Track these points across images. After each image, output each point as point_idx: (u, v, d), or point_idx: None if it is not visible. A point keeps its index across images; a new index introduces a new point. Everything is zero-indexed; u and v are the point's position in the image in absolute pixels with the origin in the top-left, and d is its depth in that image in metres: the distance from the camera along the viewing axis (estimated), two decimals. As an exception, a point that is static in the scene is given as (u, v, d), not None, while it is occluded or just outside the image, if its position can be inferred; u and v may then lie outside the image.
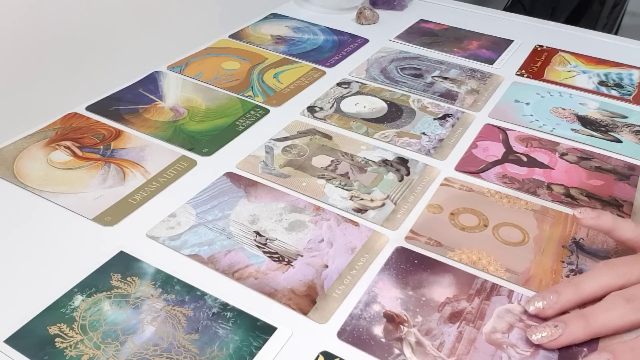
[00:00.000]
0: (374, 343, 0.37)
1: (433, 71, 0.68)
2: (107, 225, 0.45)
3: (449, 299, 0.40)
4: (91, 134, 0.55)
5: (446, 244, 0.45)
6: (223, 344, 0.37)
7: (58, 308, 0.38)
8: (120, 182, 0.49)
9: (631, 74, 0.69)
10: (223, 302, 0.39)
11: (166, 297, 0.39)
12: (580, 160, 0.54)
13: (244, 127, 0.57)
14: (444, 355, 0.37)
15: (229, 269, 0.42)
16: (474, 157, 0.54)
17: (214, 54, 0.70)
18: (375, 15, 0.79)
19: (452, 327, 0.38)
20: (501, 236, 0.46)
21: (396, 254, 0.44)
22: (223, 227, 0.45)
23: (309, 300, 0.40)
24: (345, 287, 0.41)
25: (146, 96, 0.61)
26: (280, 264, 0.42)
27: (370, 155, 0.53)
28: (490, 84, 0.66)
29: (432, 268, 0.43)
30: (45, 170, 0.50)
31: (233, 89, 0.63)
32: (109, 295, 0.39)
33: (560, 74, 0.68)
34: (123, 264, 0.42)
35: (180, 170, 0.51)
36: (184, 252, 0.43)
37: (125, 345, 0.36)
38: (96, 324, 0.37)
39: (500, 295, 0.41)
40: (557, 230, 0.46)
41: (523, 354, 0.37)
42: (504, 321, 0.39)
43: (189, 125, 0.57)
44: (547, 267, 0.43)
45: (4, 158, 0.51)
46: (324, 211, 0.47)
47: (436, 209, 0.48)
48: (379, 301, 0.40)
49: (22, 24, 0.52)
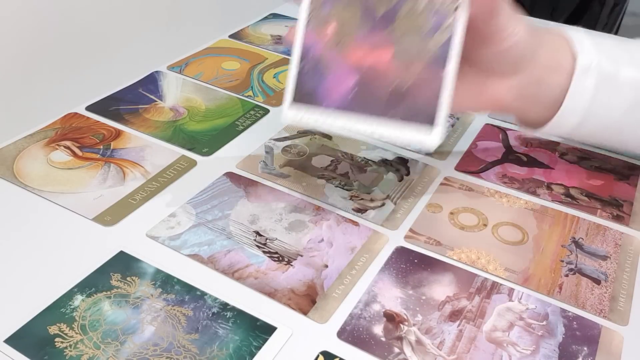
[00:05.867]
0: (374, 342, 0.37)
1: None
2: (107, 225, 0.45)
3: (449, 297, 0.40)
4: (91, 134, 0.55)
5: (446, 243, 0.45)
6: (223, 343, 0.37)
7: (58, 308, 0.38)
8: (120, 182, 0.49)
9: (631, 73, 0.69)
10: (223, 302, 0.39)
11: (166, 297, 0.39)
12: (580, 160, 0.54)
13: (244, 127, 0.57)
14: (444, 354, 0.37)
15: (228, 268, 0.42)
16: (474, 156, 0.54)
17: (214, 54, 0.70)
18: (375, 15, 0.79)
19: (452, 326, 0.38)
20: (501, 235, 0.46)
21: (396, 254, 0.44)
22: (223, 227, 0.45)
23: (309, 300, 0.40)
24: (345, 287, 0.41)
25: (146, 96, 0.61)
26: (280, 264, 0.42)
27: (370, 155, 0.53)
28: (490, 84, 0.66)
29: (432, 267, 0.43)
30: (45, 170, 0.50)
31: (233, 89, 0.63)
32: (108, 295, 0.39)
33: (560, 74, 0.68)
34: (123, 264, 0.42)
35: (180, 170, 0.51)
36: (183, 252, 0.43)
37: (125, 345, 0.36)
38: (96, 324, 0.37)
39: (501, 293, 0.41)
40: (557, 229, 0.46)
41: (523, 352, 0.37)
42: (505, 319, 0.39)
43: (189, 125, 0.57)
44: (547, 266, 0.43)
45: (4, 158, 0.51)
46: (323, 211, 0.47)
47: (436, 209, 0.48)
48: (379, 300, 0.40)
49: (22, 23, 0.52)
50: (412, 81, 0.36)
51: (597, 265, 0.43)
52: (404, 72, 0.37)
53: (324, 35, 0.38)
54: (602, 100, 0.44)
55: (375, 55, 0.37)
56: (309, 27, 0.38)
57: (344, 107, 0.38)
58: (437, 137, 0.36)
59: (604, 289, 0.41)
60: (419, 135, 0.36)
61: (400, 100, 0.37)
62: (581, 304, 0.40)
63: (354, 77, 0.37)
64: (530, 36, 0.42)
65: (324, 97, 0.38)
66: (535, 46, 0.43)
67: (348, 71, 0.38)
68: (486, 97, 0.44)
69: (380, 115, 0.37)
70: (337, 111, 0.38)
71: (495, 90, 0.44)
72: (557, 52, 0.44)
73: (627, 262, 0.44)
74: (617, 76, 0.43)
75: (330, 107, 0.38)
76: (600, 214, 0.48)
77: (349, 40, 0.37)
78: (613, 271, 0.43)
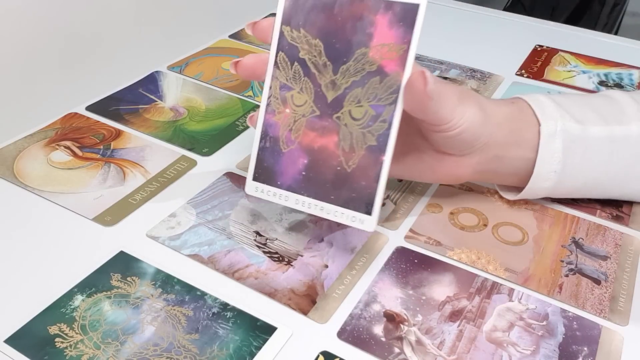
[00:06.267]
0: (374, 342, 0.37)
1: (433, 71, 0.68)
2: (107, 225, 0.45)
3: (449, 297, 0.40)
4: (91, 134, 0.55)
5: (446, 244, 0.45)
6: (223, 343, 0.37)
7: (58, 308, 0.38)
8: (120, 182, 0.49)
9: (631, 74, 0.69)
10: (223, 302, 0.39)
11: (166, 297, 0.39)
12: (580, 160, 0.54)
13: (244, 127, 0.57)
14: (444, 354, 0.37)
15: (229, 268, 0.42)
16: (474, 156, 0.54)
17: (214, 54, 0.70)
18: (375, 15, 0.79)
19: (452, 326, 0.38)
20: (501, 236, 0.46)
21: (396, 254, 0.44)
22: (223, 227, 0.45)
23: (309, 300, 0.40)
24: (345, 287, 0.41)
25: (146, 96, 0.61)
26: (280, 264, 0.42)
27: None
28: (490, 84, 0.66)
29: (432, 267, 0.43)
30: (45, 170, 0.50)
31: (233, 89, 0.63)
32: (109, 295, 0.39)
33: (560, 74, 0.68)
34: (123, 264, 0.42)
35: (180, 170, 0.51)
36: (184, 252, 0.43)
37: (125, 345, 0.36)
38: (96, 324, 0.37)
39: (501, 293, 0.41)
40: (557, 229, 0.46)
41: (523, 352, 0.37)
42: (505, 320, 0.39)
43: (189, 125, 0.57)
44: (547, 266, 0.43)
45: (4, 158, 0.51)
46: (324, 211, 0.47)
47: (436, 209, 0.48)
48: (379, 301, 0.40)
49: (22, 23, 0.52)
50: (352, 168, 0.39)
51: (597, 266, 0.43)
52: (346, 158, 0.39)
53: (280, 117, 0.41)
54: (573, 161, 0.43)
55: (324, 140, 0.40)
56: (268, 109, 0.41)
57: (294, 188, 0.40)
58: (372, 226, 0.39)
59: (604, 289, 0.41)
60: (355, 222, 0.39)
61: (341, 186, 0.39)
62: (581, 304, 0.40)
63: (304, 160, 0.40)
64: (483, 119, 0.41)
65: (278, 176, 0.41)
66: (491, 127, 0.42)
67: (299, 153, 0.40)
68: (445, 171, 0.44)
69: (324, 198, 0.40)
70: (289, 191, 0.41)
71: (452, 167, 0.44)
72: (518, 126, 0.44)
73: (627, 262, 0.44)
74: (586, 136, 0.43)
75: (283, 186, 0.41)
76: (600, 214, 0.48)
77: (302, 124, 0.40)
78: (613, 271, 0.43)
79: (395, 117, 0.38)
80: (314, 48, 0.40)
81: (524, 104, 0.45)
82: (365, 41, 0.38)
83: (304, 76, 0.40)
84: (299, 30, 0.40)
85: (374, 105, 0.38)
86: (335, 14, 0.39)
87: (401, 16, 0.38)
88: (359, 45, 0.39)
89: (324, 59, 0.39)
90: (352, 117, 0.39)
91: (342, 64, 0.39)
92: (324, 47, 0.40)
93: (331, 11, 0.39)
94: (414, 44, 0.38)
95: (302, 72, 0.40)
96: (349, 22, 0.39)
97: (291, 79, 0.41)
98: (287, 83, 0.41)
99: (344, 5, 0.39)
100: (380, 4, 0.38)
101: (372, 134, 0.38)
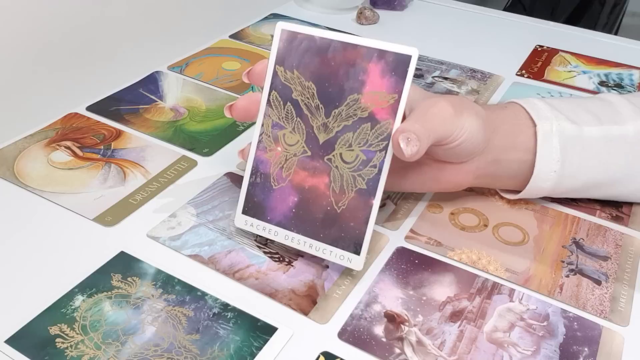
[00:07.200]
0: (374, 343, 0.37)
1: (433, 71, 0.68)
2: (108, 226, 0.45)
3: (449, 298, 0.40)
4: (91, 134, 0.55)
5: (446, 244, 0.45)
6: (224, 344, 0.37)
7: (59, 308, 0.38)
8: (121, 182, 0.49)
9: (631, 74, 0.69)
10: (224, 303, 0.39)
11: (167, 297, 0.39)
12: (580, 160, 0.54)
13: (244, 127, 0.57)
14: (445, 355, 0.37)
15: (229, 269, 0.42)
16: (474, 157, 0.54)
17: (214, 54, 0.70)
18: (376, 15, 0.79)
19: (453, 326, 0.38)
20: (501, 236, 0.46)
21: (397, 254, 0.44)
22: (224, 227, 0.45)
23: (310, 301, 0.40)
24: (345, 287, 0.41)
25: (146, 96, 0.61)
26: (281, 264, 0.42)
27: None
28: (491, 84, 0.66)
29: (433, 267, 0.43)
30: (45, 170, 0.50)
31: (233, 89, 0.63)
32: (109, 295, 0.39)
33: (561, 74, 0.68)
34: (123, 264, 0.42)
35: (181, 171, 0.51)
36: (184, 252, 0.43)
37: (126, 345, 0.36)
38: (97, 324, 0.37)
39: (502, 294, 0.41)
40: (557, 230, 0.46)
41: (524, 352, 0.37)
42: (505, 320, 0.39)
43: (190, 126, 0.57)
44: (547, 267, 0.43)
45: (5, 158, 0.51)
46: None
47: (436, 209, 0.48)
48: (380, 301, 0.40)
49: (22, 23, 0.52)
50: (342, 209, 0.40)
51: (597, 266, 0.43)
52: (336, 199, 0.40)
53: (272, 155, 0.42)
54: (572, 161, 0.44)
55: (315, 180, 0.40)
56: (260, 145, 0.42)
57: (284, 224, 0.41)
58: (360, 265, 0.40)
59: (604, 290, 0.41)
60: (343, 261, 0.40)
61: (331, 225, 0.40)
62: (582, 304, 0.40)
63: (295, 198, 0.41)
64: (481, 126, 0.42)
65: (268, 211, 0.42)
66: (489, 133, 0.43)
67: (290, 191, 0.41)
68: (447, 180, 0.45)
69: (313, 236, 0.40)
70: (279, 226, 0.41)
71: (453, 175, 0.44)
72: (513, 129, 0.44)
73: (628, 262, 0.44)
74: (582, 136, 0.44)
75: (272, 221, 0.42)
76: (600, 214, 0.48)
77: (293, 163, 0.41)
78: (614, 272, 0.43)
79: (385, 163, 0.39)
80: (307, 90, 0.40)
81: (518, 108, 0.46)
82: (358, 87, 0.39)
83: (297, 117, 0.41)
84: (292, 71, 0.41)
85: (365, 150, 0.39)
86: (329, 59, 0.40)
87: (393, 66, 0.38)
88: (352, 91, 0.39)
89: (317, 101, 0.40)
90: (343, 160, 0.40)
91: (334, 108, 0.40)
92: (317, 90, 0.40)
93: (325, 56, 0.40)
94: (405, 94, 0.38)
95: (294, 112, 0.41)
96: (342, 67, 0.40)
97: (283, 118, 0.41)
98: (279, 122, 0.41)
99: (337, 50, 0.40)
100: (373, 53, 0.39)
101: (362, 178, 0.39)
